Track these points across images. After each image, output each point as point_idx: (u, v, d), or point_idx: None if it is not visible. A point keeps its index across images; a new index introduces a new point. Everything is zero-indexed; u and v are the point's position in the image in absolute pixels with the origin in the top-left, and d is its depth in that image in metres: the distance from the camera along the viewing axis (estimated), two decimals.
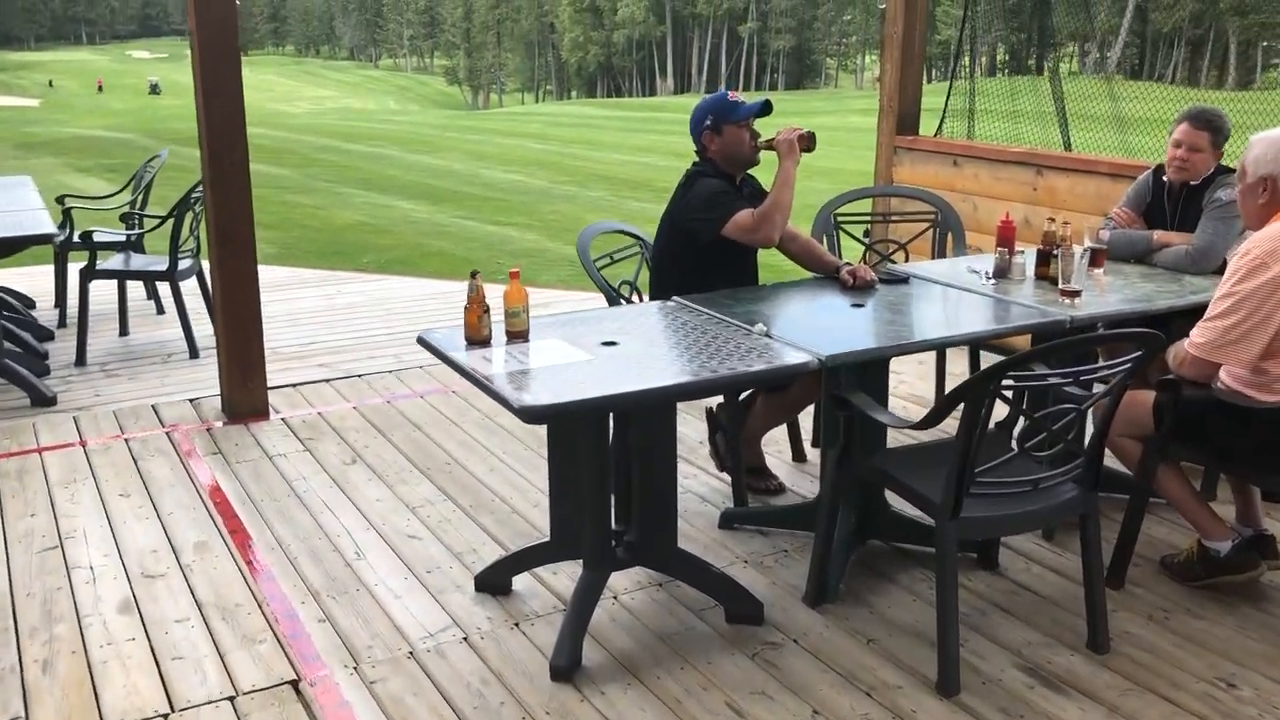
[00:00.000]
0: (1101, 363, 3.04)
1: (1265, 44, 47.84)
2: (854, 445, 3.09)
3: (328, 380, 5.35)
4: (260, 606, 3.27)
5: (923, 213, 4.86)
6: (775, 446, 4.39)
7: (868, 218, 5.04)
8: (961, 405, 2.68)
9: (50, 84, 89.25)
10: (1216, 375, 3.08)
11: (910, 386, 5.17)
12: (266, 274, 8.00)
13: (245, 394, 4.80)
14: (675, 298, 3.58)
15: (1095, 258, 3.83)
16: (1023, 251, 3.83)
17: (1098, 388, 2.94)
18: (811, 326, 3.29)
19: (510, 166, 24.59)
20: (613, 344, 3.06)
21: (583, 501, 3.01)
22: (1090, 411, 2.83)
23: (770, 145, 3.75)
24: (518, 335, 3.10)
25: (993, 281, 3.75)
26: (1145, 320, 3.54)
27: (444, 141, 31.75)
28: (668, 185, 4.06)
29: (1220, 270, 3.82)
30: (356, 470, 4.28)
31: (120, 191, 7.08)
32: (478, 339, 3.06)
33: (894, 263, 4.67)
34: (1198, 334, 3.01)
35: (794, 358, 2.92)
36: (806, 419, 4.40)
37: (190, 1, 4.39)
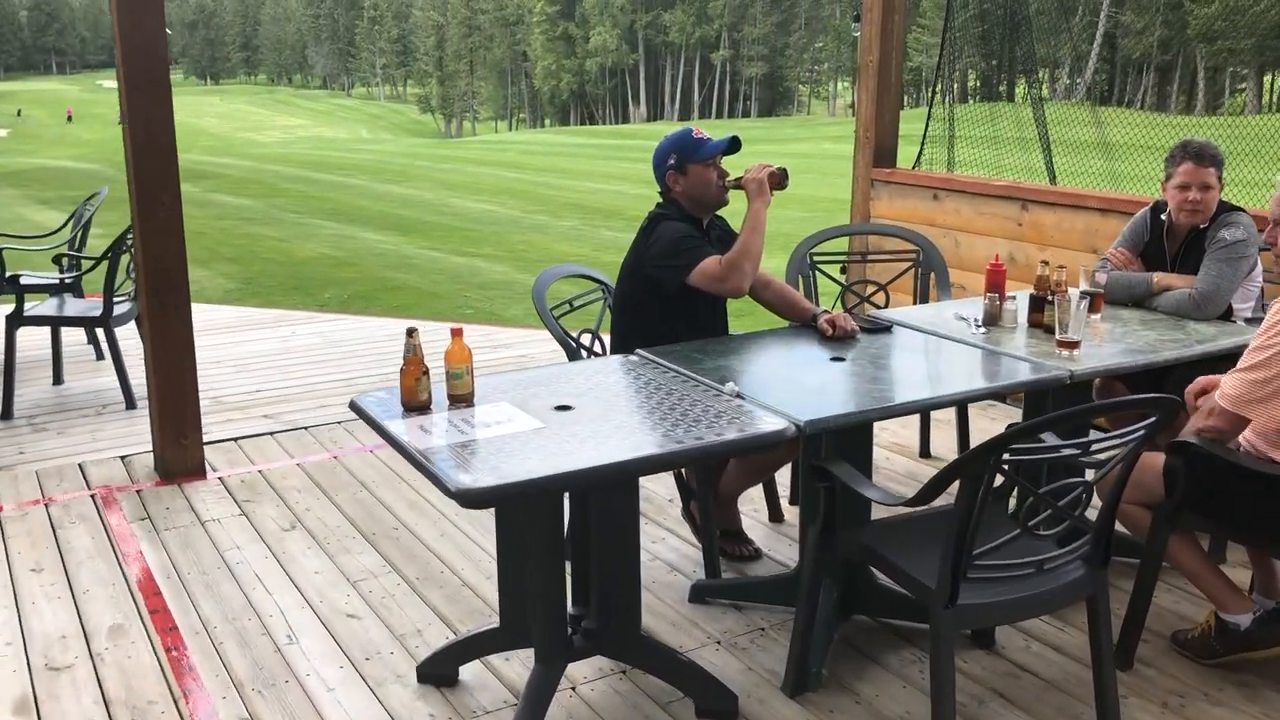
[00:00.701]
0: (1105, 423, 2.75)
1: (1232, 70, 48.26)
2: (836, 519, 2.78)
3: (271, 433, 5.00)
4: (176, 703, 2.91)
5: (904, 251, 4.58)
6: (751, 505, 4.08)
7: (845, 257, 4.74)
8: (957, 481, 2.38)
9: (19, 114, 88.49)
10: (1242, 430, 2.80)
11: (893, 434, 4.87)
12: (217, 315, 7.70)
13: (179, 452, 4.45)
14: (639, 351, 3.27)
15: (1093, 302, 3.55)
16: (1013, 297, 3.55)
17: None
18: (787, 385, 2.98)
19: (481, 196, 24.32)
20: (567, 408, 2.74)
21: (534, 588, 2.69)
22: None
23: (739, 184, 3.47)
24: (461, 399, 2.78)
25: (982, 330, 3.46)
26: (1148, 373, 3.27)
27: (415, 170, 31.47)
28: (640, 213, 3.78)
29: (1226, 315, 3.57)
30: (295, 537, 3.93)
31: (59, 230, 6.73)
32: (415, 404, 2.74)
33: (877, 306, 4.39)
34: (1229, 385, 2.73)
35: (768, 424, 2.61)
36: (784, 474, 4.10)
37: (115, 30, 4.07)
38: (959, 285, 5.35)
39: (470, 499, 2.26)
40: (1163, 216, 3.74)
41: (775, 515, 4.03)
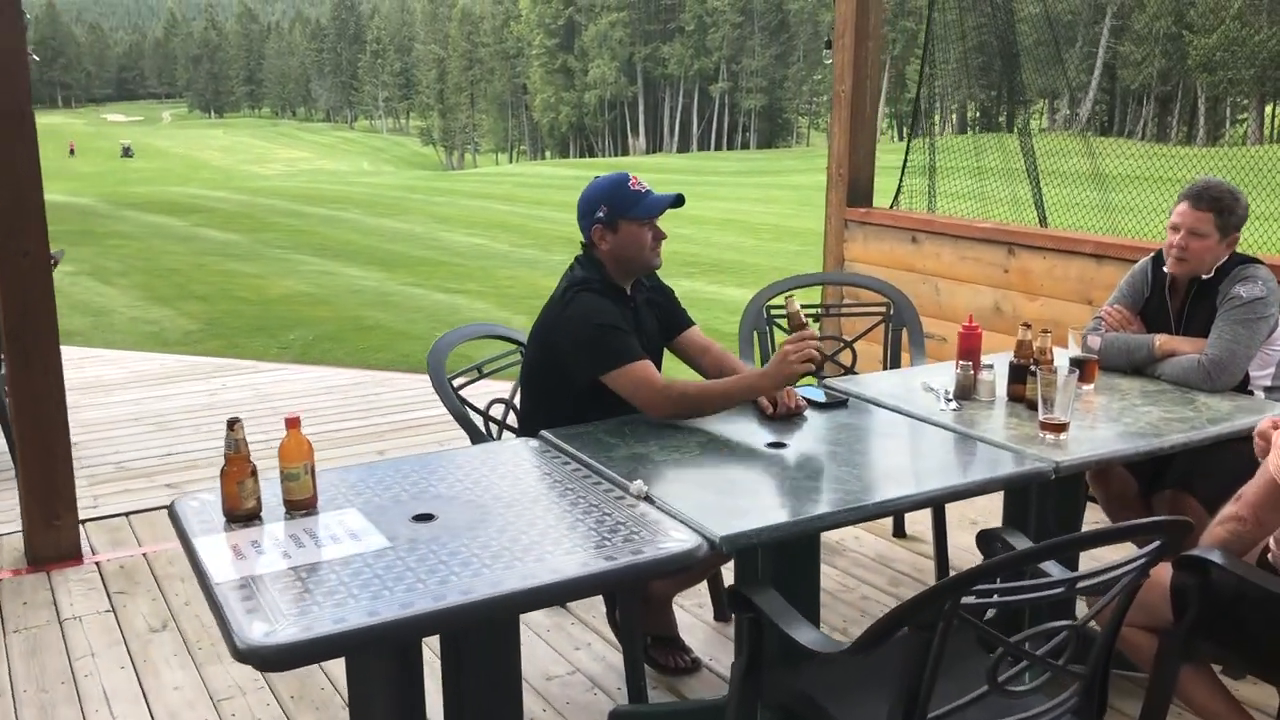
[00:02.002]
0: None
1: (1232, 100, 47.90)
2: (764, 657, 2.24)
3: (167, 507, 4.45)
4: None
5: (872, 304, 4.06)
6: (695, 599, 3.54)
7: (808, 309, 4.19)
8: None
9: None
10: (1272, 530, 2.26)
11: None
12: (150, 364, 7.16)
13: (50, 534, 3.91)
14: (544, 433, 2.75)
15: (1084, 371, 3.02)
16: (990, 365, 3.01)
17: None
18: (712, 482, 2.44)
19: (473, 229, 23.87)
20: (428, 518, 2.21)
21: None
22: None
23: (798, 323, 2.79)
24: (299, 505, 2.26)
25: (953, 405, 2.92)
26: (1151, 460, 2.73)
27: (409, 204, 31.07)
28: None
29: (1243, 386, 3.04)
30: (163, 641, 3.39)
31: None
32: (240, 512, 2.22)
33: (844, 367, 3.87)
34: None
35: (675, 541, 2.07)
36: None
37: None
38: (940, 337, 4.83)
39: (262, 660, 1.73)
40: (1165, 268, 3.21)
41: (721, 614, 3.48)
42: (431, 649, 2.75)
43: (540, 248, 20.39)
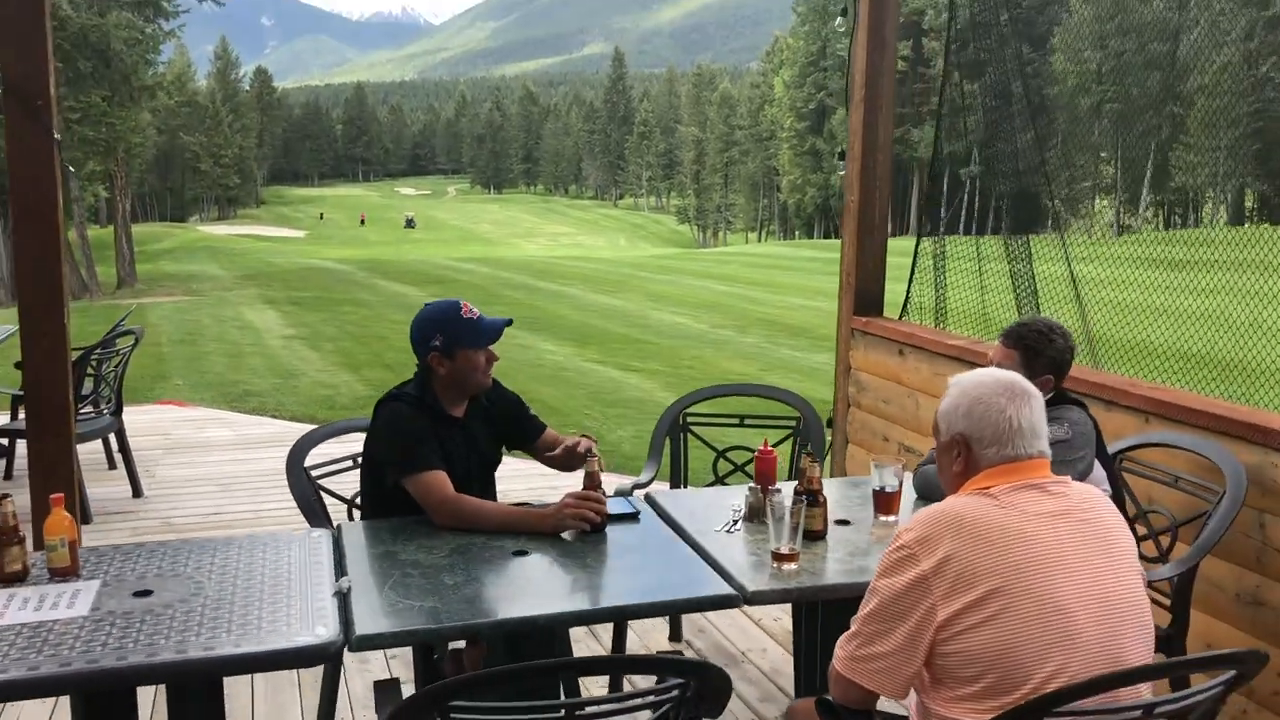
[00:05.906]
0: None
1: None
2: None
3: None
4: None
5: (783, 418, 4.11)
6: None
7: (722, 419, 4.26)
8: None
9: (320, 217, 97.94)
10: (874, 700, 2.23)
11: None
12: (256, 429, 7.86)
13: None
14: (344, 523, 3.05)
15: (881, 501, 3.02)
16: (779, 489, 3.05)
17: None
18: (423, 586, 2.63)
19: (681, 308, 24.46)
20: (146, 594, 2.55)
21: None
22: None
23: (592, 483, 3.00)
24: (58, 572, 2.66)
25: (731, 527, 2.99)
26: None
27: (633, 281, 32.13)
28: (829, 331, 3.54)
29: None
30: None
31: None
32: (5, 575, 2.64)
33: (748, 475, 3.94)
34: (841, 641, 2.20)
35: (311, 636, 2.31)
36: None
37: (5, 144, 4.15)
38: (918, 452, 4.77)
39: None
40: None
41: None
42: None
43: (737, 329, 20.64)
